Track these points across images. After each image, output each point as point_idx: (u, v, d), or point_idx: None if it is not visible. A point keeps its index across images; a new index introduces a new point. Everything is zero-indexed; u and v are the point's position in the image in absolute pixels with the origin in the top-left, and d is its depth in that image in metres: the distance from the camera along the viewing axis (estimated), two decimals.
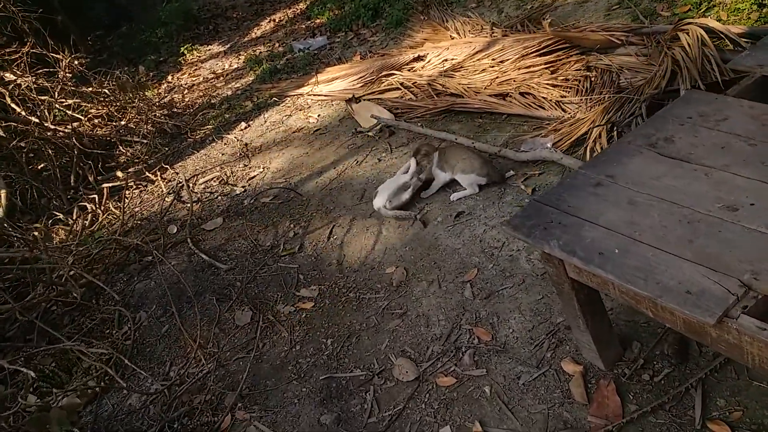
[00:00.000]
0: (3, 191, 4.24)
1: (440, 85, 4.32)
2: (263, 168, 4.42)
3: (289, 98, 5.49)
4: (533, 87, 3.77)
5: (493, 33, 4.71)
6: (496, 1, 5.59)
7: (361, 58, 5.72)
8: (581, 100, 3.49)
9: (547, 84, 3.75)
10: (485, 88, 4.02)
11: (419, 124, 4.10)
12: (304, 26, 7.42)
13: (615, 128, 3.01)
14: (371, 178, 3.75)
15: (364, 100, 4.76)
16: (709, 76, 3.08)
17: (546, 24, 4.43)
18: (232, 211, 3.94)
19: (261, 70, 6.31)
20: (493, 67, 4.19)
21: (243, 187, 4.24)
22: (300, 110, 5.18)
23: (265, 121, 5.23)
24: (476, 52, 4.44)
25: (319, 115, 4.94)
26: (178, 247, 3.65)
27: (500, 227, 2.80)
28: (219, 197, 4.20)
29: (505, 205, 3.00)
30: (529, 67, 3.98)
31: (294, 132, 4.81)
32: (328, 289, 2.93)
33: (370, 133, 4.29)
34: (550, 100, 3.61)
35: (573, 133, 3.19)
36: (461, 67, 4.40)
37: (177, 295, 3.19)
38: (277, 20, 8.14)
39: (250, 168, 4.49)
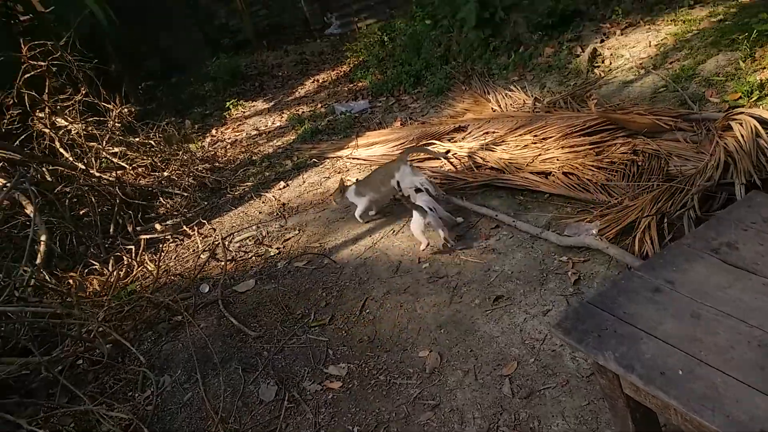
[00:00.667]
0: (43, 236, 4.32)
1: (481, 158, 4.30)
2: (299, 230, 4.41)
3: (328, 160, 5.54)
4: (577, 167, 3.71)
5: (535, 108, 4.71)
6: (538, 76, 5.63)
7: (401, 125, 5.78)
8: (628, 185, 3.40)
9: (592, 165, 3.68)
10: (527, 164, 3.98)
11: (458, 196, 4.05)
12: (346, 88, 7.59)
13: (665, 219, 2.90)
14: (407, 249, 3.69)
15: None
16: (764, 170, 2.97)
17: (592, 104, 4.41)
18: (265, 274, 3.90)
19: (302, 130, 6.42)
20: (535, 143, 4.16)
21: (278, 248, 4.22)
22: (338, 173, 5.21)
23: (304, 182, 5.27)
24: (518, 127, 4.43)
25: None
26: (209, 308, 3.62)
27: (549, 328, 2.66)
28: (253, 257, 4.18)
29: (547, 293, 2.89)
30: (573, 146, 3.93)
31: (332, 195, 4.82)
32: (357, 368, 2.82)
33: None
34: (595, 183, 3.53)
35: (620, 220, 3.09)
36: (502, 141, 4.38)
37: (203, 360, 3.13)
38: (320, 81, 8.37)
39: (286, 229, 4.49)
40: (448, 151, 4.58)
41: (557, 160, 3.88)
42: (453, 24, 6.82)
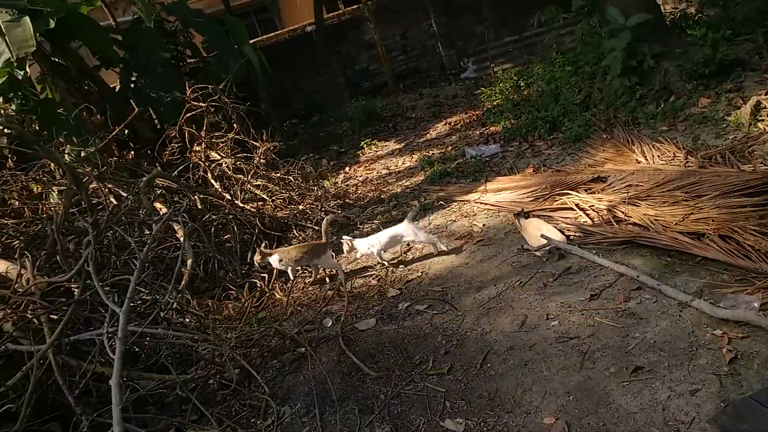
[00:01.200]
0: (189, 260, 4.72)
1: (622, 212, 4.02)
2: (421, 272, 4.39)
3: (455, 203, 5.51)
4: (736, 231, 3.32)
5: (687, 162, 4.33)
6: (691, 127, 5.19)
7: (534, 171, 5.61)
8: None
9: (754, 230, 3.27)
10: (676, 223, 3.63)
11: (594, 252, 3.80)
12: (478, 132, 7.58)
13: None
14: (534, 303, 3.50)
15: (534, 216, 4.59)
16: None
17: (755, 161, 3.95)
18: (385, 314, 3.91)
19: (431, 172, 6.48)
20: (686, 200, 3.80)
21: (399, 289, 4.22)
22: (465, 217, 5.15)
23: (429, 224, 5.27)
24: (666, 181, 4.09)
25: (483, 225, 4.85)
26: (330, 343, 3.68)
27: (702, 419, 2.35)
28: (375, 296, 4.22)
29: (696, 370, 2.56)
30: (731, 206, 3.53)
31: (456, 239, 4.76)
32: (476, 426, 2.68)
33: (537, 253, 4.07)
34: (758, 251, 3.12)
35: None
36: (647, 195, 4.06)
37: (322, 395, 3.17)
38: (452, 123, 8.45)
39: (408, 270, 4.49)
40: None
41: (712, 221, 3.50)
42: (596, 71, 6.58)
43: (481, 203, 5.29)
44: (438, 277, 4.23)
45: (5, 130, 6.27)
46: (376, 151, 8.36)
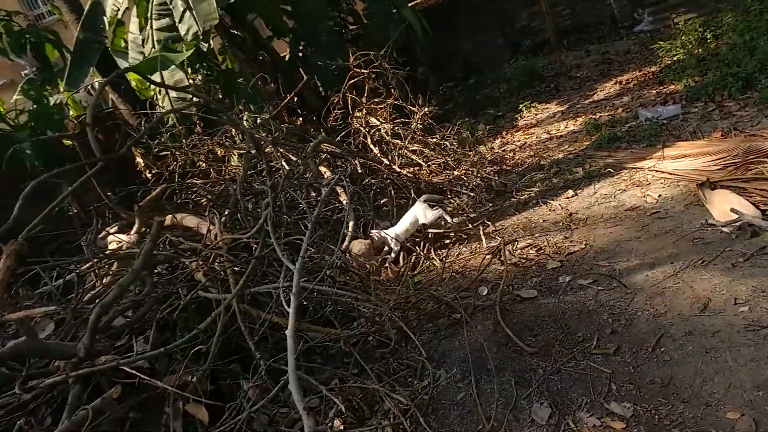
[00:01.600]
0: (351, 222, 4.95)
1: None
2: (585, 244, 4.13)
3: (625, 171, 5.08)
4: None
5: None
6: None
7: (722, 136, 4.94)
8: None
9: None
10: None
11: None
12: (654, 92, 6.86)
13: None
14: (719, 286, 3.12)
15: (721, 187, 4.05)
16: None
17: None
18: (544, 287, 3.77)
19: (598, 136, 6.02)
20: None
21: (560, 261, 4.02)
22: (637, 186, 4.72)
23: (595, 192, 4.93)
24: None
25: (659, 196, 4.41)
26: (485, 312, 3.65)
27: None
28: (533, 267, 4.08)
29: None
30: None
31: (626, 210, 4.40)
32: (645, 413, 2.50)
33: (725, 229, 3.61)
34: None
35: None
36: None
37: (477, 363, 3.17)
38: (623, 82, 7.74)
39: (570, 242, 4.26)
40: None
41: None
42: None
43: (656, 171, 4.80)
44: (604, 251, 3.96)
45: (194, 99, 7.04)
46: (536, 114, 7.96)
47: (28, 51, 6.45)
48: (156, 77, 6.66)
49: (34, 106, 6.19)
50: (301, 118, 8.30)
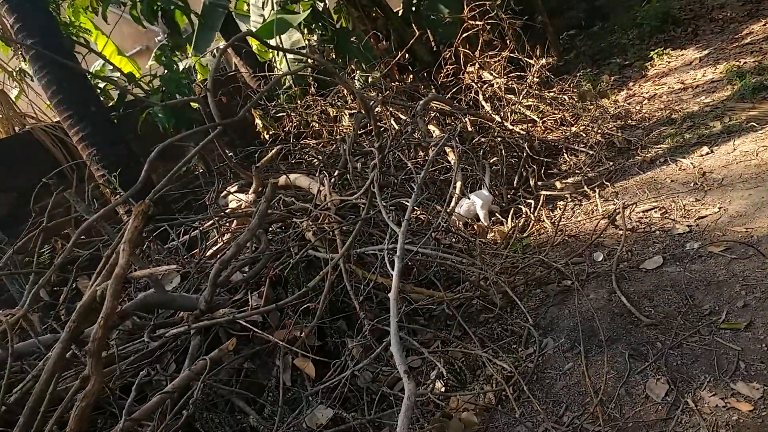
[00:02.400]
0: (459, 182, 4.86)
1: None
2: (719, 208, 3.72)
3: None
4: None
5: None
6: None
7: None
8: None
9: None
10: None
11: None
12: None
13: None
14: None
15: None
16: None
17: None
18: (668, 254, 3.46)
19: (741, 86, 5.32)
20: None
21: (688, 226, 3.67)
22: None
23: (734, 149, 4.39)
24: None
25: None
26: (600, 279, 3.44)
27: None
28: (657, 232, 3.76)
29: None
30: None
31: None
32: None
33: None
34: None
35: None
36: None
37: (588, 333, 3.01)
38: None
39: (702, 204, 3.86)
40: None
41: None
42: None
43: None
44: (741, 215, 3.54)
45: (309, 61, 7.20)
46: (669, 62, 7.19)
47: (159, 18, 6.92)
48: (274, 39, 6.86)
49: (165, 72, 6.69)
50: (411, 75, 8.19)
